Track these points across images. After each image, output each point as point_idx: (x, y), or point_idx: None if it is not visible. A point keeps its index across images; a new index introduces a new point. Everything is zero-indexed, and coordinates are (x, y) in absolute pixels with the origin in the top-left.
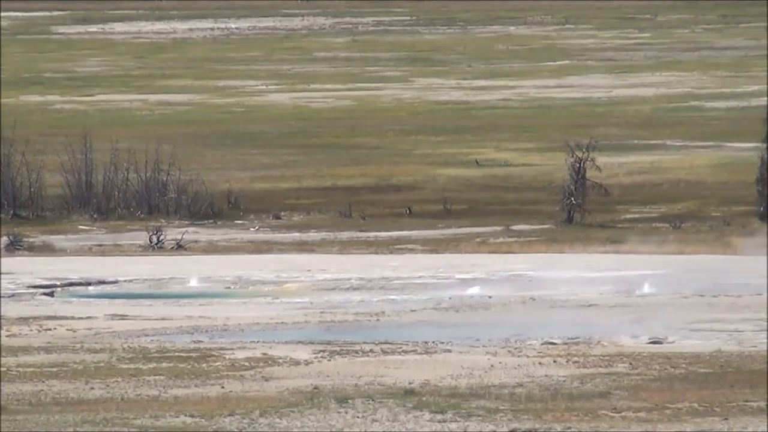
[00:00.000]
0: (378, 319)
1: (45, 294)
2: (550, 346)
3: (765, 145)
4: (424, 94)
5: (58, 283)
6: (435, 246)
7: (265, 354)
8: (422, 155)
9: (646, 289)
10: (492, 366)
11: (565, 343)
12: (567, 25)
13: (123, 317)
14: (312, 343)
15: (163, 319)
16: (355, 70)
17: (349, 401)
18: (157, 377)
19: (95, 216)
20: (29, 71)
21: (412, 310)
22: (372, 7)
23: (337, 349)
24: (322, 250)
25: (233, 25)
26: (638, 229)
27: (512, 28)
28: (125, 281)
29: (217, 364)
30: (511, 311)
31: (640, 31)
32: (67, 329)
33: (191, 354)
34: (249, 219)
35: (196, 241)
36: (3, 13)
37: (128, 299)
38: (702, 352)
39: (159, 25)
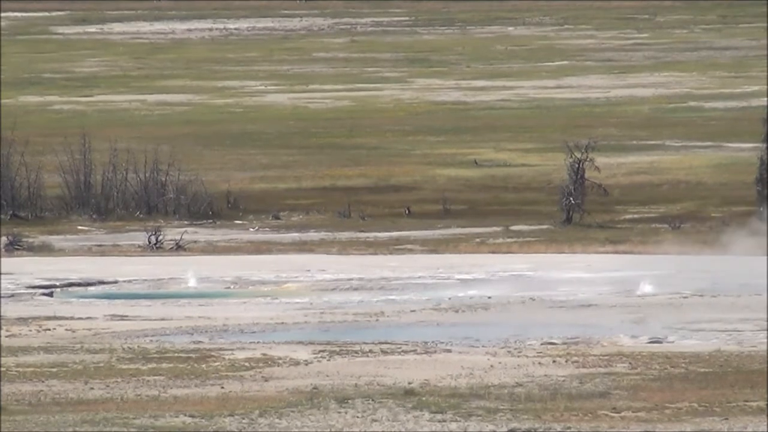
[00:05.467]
0: (377, 320)
1: (44, 294)
2: (550, 346)
3: (764, 146)
4: (422, 94)
5: (58, 284)
6: (434, 246)
7: (264, 354)
8: (421, 155)
9: (646, 289)
10: (491, 366)
11: (565, 343)
12: (566, 26)
13: (122, 317)
14: (312, 343)
15: (162, 319)
16: (353, 70)
17: (349, 401)
18: (156, 377)
19: (94, 216)
20: (28, 72)
21: (412, 311)
22: (370, 7)
23: (337, 349)
24: (321, 251)
25: (232, 26)
26: (638, 230)
27: (511, 28)
28: (124, 281)
29: (217, 364)
30: (510, 311)
31: (639, 32)
32: (67, 329)
33: (191, 354)
34: (248, 219)
35: (195, 242)
36: (2, 14)
37: (128, 299)
38: (702, 351)
39: (158, 26)
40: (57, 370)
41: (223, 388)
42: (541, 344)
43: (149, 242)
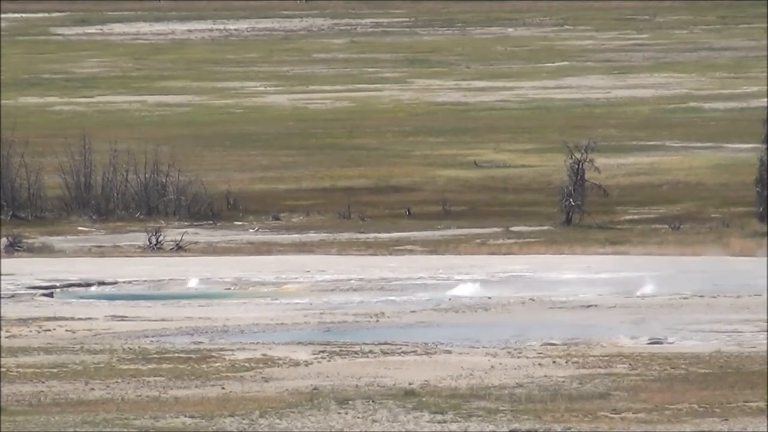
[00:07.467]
0: (377, 320)
1: (44, 295)
2: (550, 347)
3: (764, 146)
4: (422, 95)
5: (58, 284)
6: (434, 247)
7: (264, 355)
8: (421, 156)
9: (646, 289)
10: (492, 367)
11: (565, 344)
12: (565, 26)
13: (123, 318)
14: (312, 343)
15: (162, 320)
16: (353, 71)
17: (349, 402)
18: (157, 378)
19: (94, 217)
20: (28, 72)
21: (412, 311)
22: (370, 8)
23: (337, 349)
24: (321, 251)
25: (232, 26)
26: (637, 231)
27: (511, 29)
28: (125, 282)
29: (217, 365)
30: (510, 312)
31: (639, 32)
32: (67, 330)
33: (191, 355)
34: (248, 220)
35: (195, 242)
36: (2, 15)
37: (128, 300)
38: (702, 352)
39: (158, 26)
40: (57, 370)
41: (223, 388)
42: (541, 345)
43: (149, 243)
